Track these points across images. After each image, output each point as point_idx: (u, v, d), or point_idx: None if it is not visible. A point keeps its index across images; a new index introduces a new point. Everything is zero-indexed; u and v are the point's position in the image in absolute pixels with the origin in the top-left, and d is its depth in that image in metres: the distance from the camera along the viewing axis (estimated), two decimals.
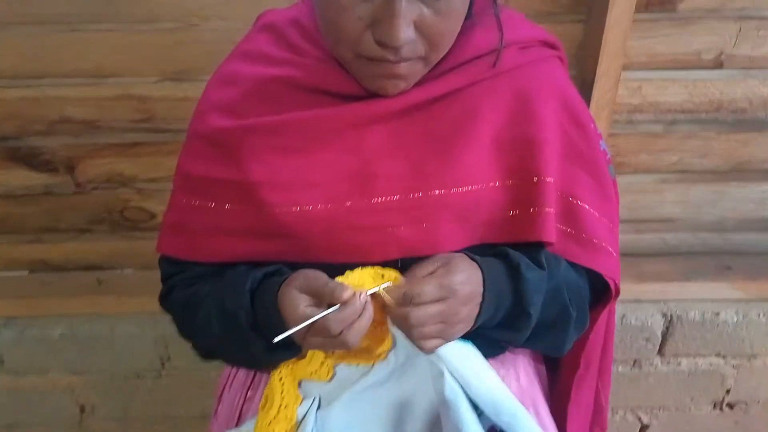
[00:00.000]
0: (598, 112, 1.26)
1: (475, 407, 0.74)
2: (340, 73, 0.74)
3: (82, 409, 1.63)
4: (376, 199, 0.73)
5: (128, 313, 1.51)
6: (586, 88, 1.25)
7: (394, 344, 0.77)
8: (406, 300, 0.66)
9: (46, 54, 1.27)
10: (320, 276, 0.70)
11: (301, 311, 0.67)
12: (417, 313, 0.66)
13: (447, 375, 0.73)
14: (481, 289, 0.71)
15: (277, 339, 0.66)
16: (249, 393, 0.89)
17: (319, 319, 0.65)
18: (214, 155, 0.78)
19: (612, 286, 0.85)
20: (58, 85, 1.30)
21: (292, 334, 0.67)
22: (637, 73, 1.30)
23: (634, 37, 1.24)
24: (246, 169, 0.75)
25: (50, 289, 1.53)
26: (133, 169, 1.41)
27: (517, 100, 0.77)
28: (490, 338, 0.77)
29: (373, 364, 0.78)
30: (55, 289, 1.53)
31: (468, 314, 0.70)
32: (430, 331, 0.68)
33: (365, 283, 0.70)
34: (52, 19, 1.22)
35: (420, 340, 0.68)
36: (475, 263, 0.72)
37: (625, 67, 1.26)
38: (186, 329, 0.85)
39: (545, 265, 0.77)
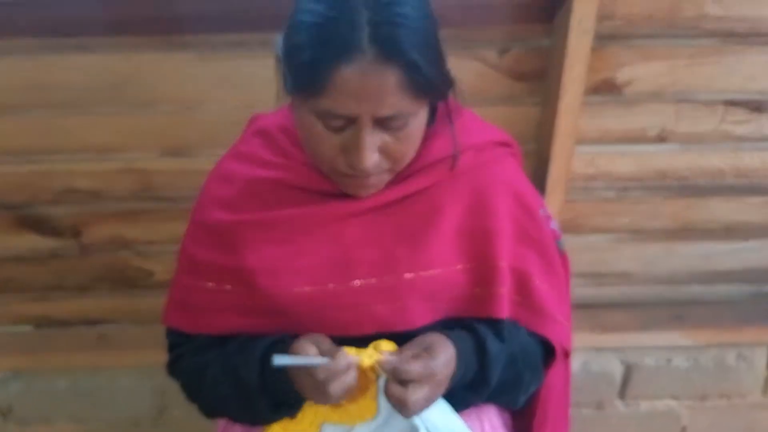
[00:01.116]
0: (556, 182, 1.39)
1: None
2: (321, 176, 0.86)
3: None
4: (354, 282, 0.85)
5: (127, 365, 1.59)
6: (543, 162, 1.38)
7: (377, 414, 0.85)
8: (396, 375, 0.76)
9: (56, 133, 1.37)
10: (327, 339, 0.81)
11: (306, 351, 0.78)
12: (414, 398, 0.76)
13: (421, 428, 0.82)
14: (454, 367, 0.82)
15: (277, 362, 0.76)
16: None
17: (313, 363, 0.76)
18: (214, 243, 0.89)
19: (558, 349, 0.96)
20: (66, 160, 1.40)
21: (294, 374, 0.79)
22: (591, 147, 1.42)
23: (586, 116, 1.37)
24: (242, 257, 0.86)
25: (54, 344, 1.59)
26: (133, 233, 1.50)
27: (475, 196, 0.89)
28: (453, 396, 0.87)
29: (355, 425, 0.87)
30: (59, 344, 1.60)
31: (444, 389, 0.82)
32: (416, 409, 0.79)
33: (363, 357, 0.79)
34: (63, 103, 1.33)
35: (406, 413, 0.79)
36: (450, 343, 0.82)
37: (579, 142, 1.39)
38: (193, 393, 0.94)
39: (505, 339, 0.88)
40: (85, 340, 1.61)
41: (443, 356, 0.80)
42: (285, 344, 0.83)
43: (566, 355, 1.01)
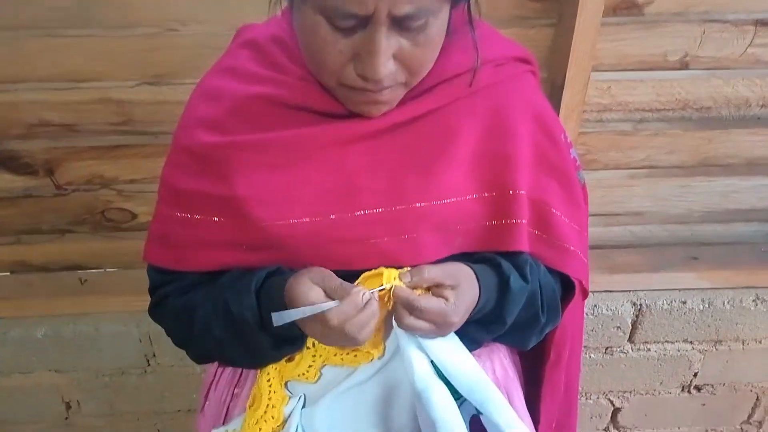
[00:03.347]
0: (569, 112, 1.30)
1: (457, 395, 0.78)
2: (322, 93, 0.76)
3: (68, 406, 1.64)
4: (359, 212, 0.76)
5: (112, 311, 1.52)
6: (556, 90, 1.29)
7: (383, 352, 0.80)
8: (410, 308, 0.71)
9: (22, 59, 1.26)
10: (333, 275, 0.73)
11: (311, 299, 0.70)
12: (413, 324, 0.72)
13: (415, 367, 0.76)
14: (473, 307, 0.76)
15: (277, 322, 0.69)
16: (236, 390, 0.91)
17: (320, 310, 0.68)
18: (199, 170, 0.79)
19: (578, 286, 0.90)
20: (36, 89, 1.30)
21: (299, 320, 0.71)
22: (607, 74, 1.34)
23: (603, 39, 1.28)
24: (232, 185, 0.76)
25: (33, 290, 1.53)
26: (113, 171, 1.42)
27: (493, 117, 0.80)
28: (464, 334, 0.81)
29: (358, 366, 0.81)
30: (38, 290, 1.53)
31: (454, 329, 0.76)
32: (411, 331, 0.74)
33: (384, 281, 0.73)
34: (28, 24, 1.22)
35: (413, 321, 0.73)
36: (476, 283, 0.76)
37: (595, 69, 1.30)
38: (181, 337, 0.87)
39: (528, 278, 0.81)
40: (65, 285, 1.55)
41: (466, 302, 0.75)
42: (282, 276, 0.75)
43: (585, 294, 0.94)
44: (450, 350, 0.78)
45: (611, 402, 1.71)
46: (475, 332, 0.82)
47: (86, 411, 1.65)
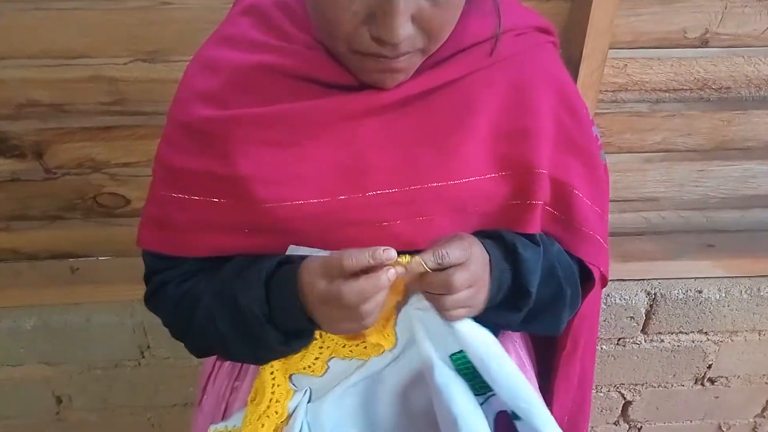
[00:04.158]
0: (585, 91, 1.25)
1: (483, 390, 0.74)
2: (331, 63, 0.71)
3: (59, 401, 1.59)
4: (370, 192, 0.72)
5: (104, 301, 1.47)
6: (572, 67, 1.23)
7: (396, 343, 0.76)
8: (437, 259, 0.65)
9: (9, 34, 1.21)
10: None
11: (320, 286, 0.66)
12: (458, 279, 0.66)
13: (434, 361, 0.72)
14: (490, 269, 0.71)
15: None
16: (236, 383, 0.88)
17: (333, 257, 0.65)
18: (197, 147, 0.74)
19: (596, 274, 0.86)
20: (23, 66, 1.24)
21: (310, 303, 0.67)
22: (623, 52, 1.29)
23: (620, 15, 1.22)
24: (233, 163, 0.72)
25: (21, 279, 1.48)
26: (105, 154, 1.36)
27: (513, 90, 0.75)
28: (488, 322, 0.76)
29: (368, 359, 0.77)
30: (27, 279, 1.48)
31: (486, 282, 0.71)
32: (462, 296, 0.68)
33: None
34: None
35: (451, 309, 0.68)
36: (480, 243, 0.72)
37: (611, 46, 1.25)
38: (179, 328, 0.83)
39: (539, 242, 0.77)
40: (55, 274, 1.49)
41: (479, 247, 0.71)
42: (294, 265, 0.70)
43: (604, 282, 0.90)
44: (492, 351, 0.73)
45: (622, 395, 1.67)
46: (507, 315, 0.78)
47: (78, 405, 1.60)
